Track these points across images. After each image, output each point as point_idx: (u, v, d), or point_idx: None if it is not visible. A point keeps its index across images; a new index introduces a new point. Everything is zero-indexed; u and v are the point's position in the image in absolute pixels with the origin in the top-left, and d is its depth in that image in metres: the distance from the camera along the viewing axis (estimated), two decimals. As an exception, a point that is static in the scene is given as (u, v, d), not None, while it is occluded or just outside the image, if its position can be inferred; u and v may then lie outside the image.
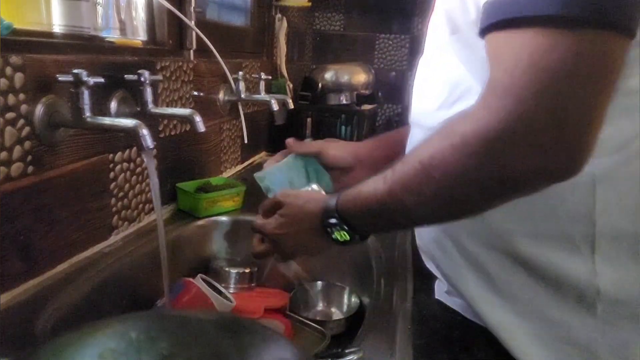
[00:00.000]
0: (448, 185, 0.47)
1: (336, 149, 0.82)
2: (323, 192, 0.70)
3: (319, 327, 0.84)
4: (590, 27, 0.39)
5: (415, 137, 0.67)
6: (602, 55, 0.40)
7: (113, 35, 0.92)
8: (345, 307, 0.93)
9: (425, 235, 0.69)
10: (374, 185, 0.54)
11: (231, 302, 0.84)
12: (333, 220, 0.59)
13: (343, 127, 1.64)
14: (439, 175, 0.47)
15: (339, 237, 0.60)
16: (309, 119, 1.65)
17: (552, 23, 0.40)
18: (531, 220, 0.55)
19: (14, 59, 0.59)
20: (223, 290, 0.86)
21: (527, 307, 0.57)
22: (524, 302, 0.57)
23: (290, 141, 0.82)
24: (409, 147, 0.69)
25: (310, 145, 0.82)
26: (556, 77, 0.40)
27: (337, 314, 0.94)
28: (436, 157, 0.47)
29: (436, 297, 0.72)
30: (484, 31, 0.45)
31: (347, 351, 0.58)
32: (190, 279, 0.82)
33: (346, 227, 0.58)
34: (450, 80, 0.58)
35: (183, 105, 1.03)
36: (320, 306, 0.96)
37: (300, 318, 0.87)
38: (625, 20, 0.40)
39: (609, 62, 0.41)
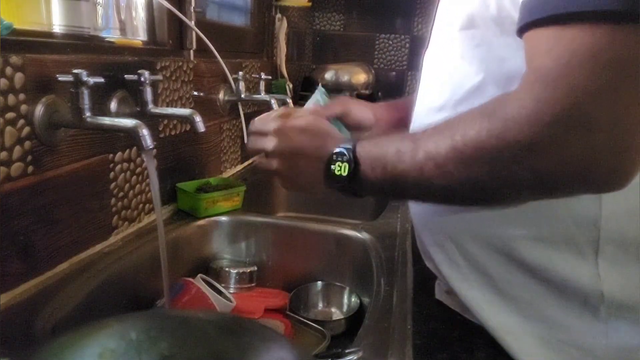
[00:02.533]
0: (478, 169, 0.44)
1: (359, 110, 0.82)
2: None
3: (319, 327, 0.84)
4: None
5: None
6: None
7: (113, 35, 0.92)
8: (345, 307, 0.93)
9: (426, 239, 0.69)
10: (399, 138, 0.52)
11: (231, 302, 0.84)
12: (342, 150, 0.55)
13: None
14: (471, 157, 0.44)
15: (336, 169, 0.55)
16: (309, 119, 1.65)
17: (613, 18, 0.37)
18: (535, 223, 0.54)
19: (14, 59, 0.59)
20: (223, 290, 0.86)
21: (531, 309, 0.57)
22: (527, 304, 0.57)
23: (312, 110, 0.79)
24: None
25: (334, 107, 0.81)
26: (618, 74, 0.37)
27: (337, 314, 0.94)
28: (471, 138, 0.43)
29: (436, 297, 0.72)
30: (525, 27, 0.42)
31: (347, 351, 0.58)
32: (190, 279, 0.82)
33: (352, 162, 0.54)
34: (454, 79, 0.57)
35: (183, 105, 1.03)
36: (320, 306, 0.96)
37: (300, 318, 0.87)
38: None
39: None
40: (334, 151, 0.56)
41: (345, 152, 0.55)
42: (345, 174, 0.54)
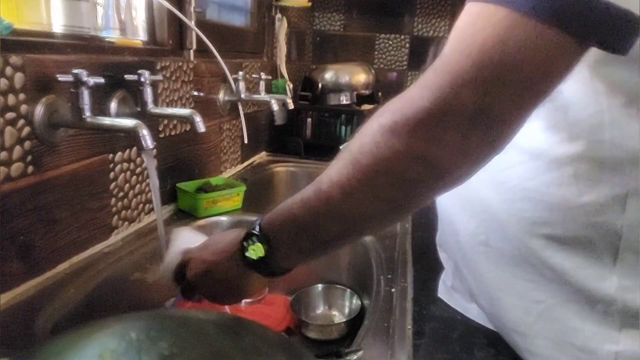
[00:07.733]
0: (373, 170, 0.42)
1: None
2: None
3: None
4: (549, 23, 0.36)
5: None
6: (551, 55, 0.37)
7: (113, 35, 0.92)
8: (347, 310, 0.93)
9: (447, 238, 0.68)
10: (301, 191, 0.49)
11: None
12: (252, 232, 0.51)
13: (343, 127, 1.64)
14: (366, 160, 0.42)
15: (251, 254, 0.51)
16: (309, 119, 1.65)
17: (514, 6, 0.37)
18: (557, 225, 0.54)
19: (14, 59, 0.59)
20: None
21: (543, 309, 0.57)
22: (540, 304, 0.57)
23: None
24: None
25: None
26: (499, 64, 0.37)
27: (338, 317, 0.93)
28: (366, 142, 0.43)
29: (439, 294, 0.72)
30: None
31: (347, 351, 0.58)
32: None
33: (263, 239, 0.50)
34: None
35: (183, 105, 1.03)
36: (321, 309, 0.95)
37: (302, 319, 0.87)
38: (593, 29, 0.36)
39: (553, 65, 0.38)
40: (247, 235, 0.52)
41: (252, 231, 0.51)
42: (262, 254, 0.50)
